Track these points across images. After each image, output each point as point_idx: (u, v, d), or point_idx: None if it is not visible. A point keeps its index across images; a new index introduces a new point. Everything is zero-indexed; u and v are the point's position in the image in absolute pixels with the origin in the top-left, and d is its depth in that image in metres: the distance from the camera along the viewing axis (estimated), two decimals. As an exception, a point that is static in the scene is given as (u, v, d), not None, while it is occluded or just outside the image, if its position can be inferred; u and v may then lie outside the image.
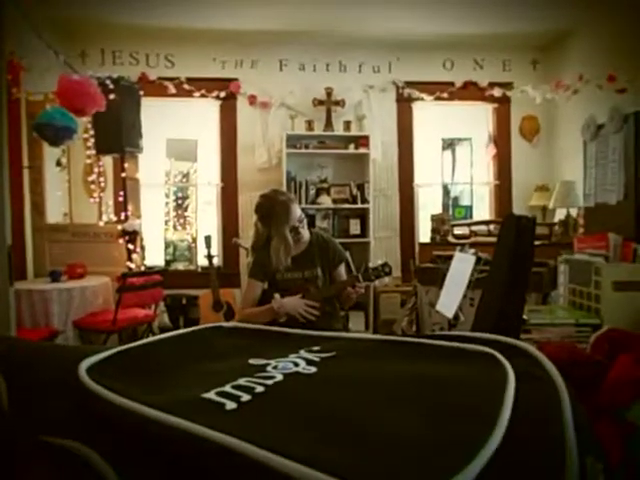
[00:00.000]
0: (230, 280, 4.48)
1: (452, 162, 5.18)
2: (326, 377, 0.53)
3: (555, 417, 0.45)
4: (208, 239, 4.16)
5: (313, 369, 0.54)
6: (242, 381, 0.51)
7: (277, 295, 2.13)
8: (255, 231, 2.27)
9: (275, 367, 0.55)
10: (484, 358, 0.54)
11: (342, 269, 2.33)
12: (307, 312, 2.11)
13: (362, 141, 4.48)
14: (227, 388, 0.49)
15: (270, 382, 0.51)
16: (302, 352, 0.59)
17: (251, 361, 0.57)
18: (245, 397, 0.48)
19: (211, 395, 0.48)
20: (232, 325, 0.73)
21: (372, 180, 4.49)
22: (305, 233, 2.20)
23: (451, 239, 4.26)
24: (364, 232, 4.54)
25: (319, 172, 4.60)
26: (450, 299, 2.49)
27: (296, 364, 0.55)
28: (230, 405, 0.46)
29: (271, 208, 2.11)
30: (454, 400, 0.45)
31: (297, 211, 2.14)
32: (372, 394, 0.48)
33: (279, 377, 0.52)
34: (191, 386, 0.51)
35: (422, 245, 4.38)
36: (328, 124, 4.57)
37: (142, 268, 4.19)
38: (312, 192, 4.53)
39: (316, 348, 0.61)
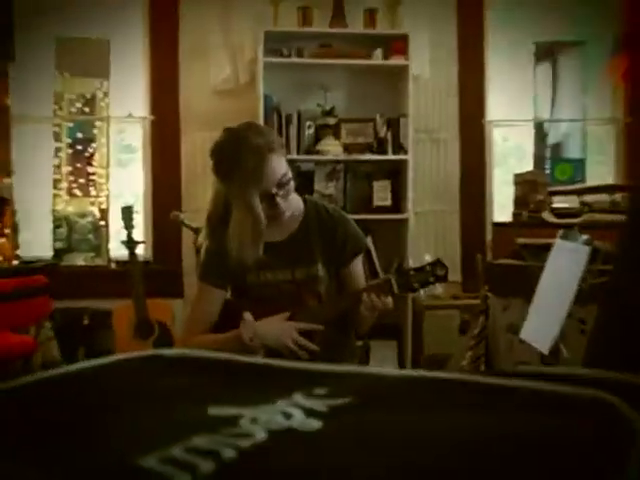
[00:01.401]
0: (166, 284, 4.51)
1: (552, 84, 5.16)
2: (337, 436, 0.54)
3: None
4: (128, 212, 4.16)
5: (316, 424, 0.55)
6: (200, 441, 0.52)
7: (248, 315, 2.14)
8: (213, 194, 2.28)
9: (254, 420, 0.56)
10: (596, 408, 0.56)
11: (359, 266, 2.35)
12: (298, 344, 2.14)
13: (396, 45, 4.47)
14: (176, 451, 0.51)
15: (246, 443, 0.52)
16: (298, 397, 0.61)
17: (213, 410, 0.59)
18: (205, 466, 0.50)
19: (151, 462, 0.50)
20: (178, 353, 0.75)
21: (413, 113, 4.49)
22: (292, 204, 2.22)
23: (548, 217, 4.26)
24: (398, 203, 4.56)
25: (321, 98, 4.59)
26: (545, 321, 2.51)
27: (288, 416, 0.57)
28: (181, 478, 0.48)
29: (234, 153, 2.12)
30: (545, 473, 0.48)
31: (279, 165, 2.15)
32: (412, 463, 0.50)
33: (261, 435, 0.53)
34: (118, 448, 0.53)
35: (498, 227, 4.38)
36: (337, 15, 4.56)
37: (14, 262, 4.20)
38: (309, 132, 4.53)
39: (321, 391, 0.62)
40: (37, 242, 4.68)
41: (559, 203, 4.39)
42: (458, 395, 0.63)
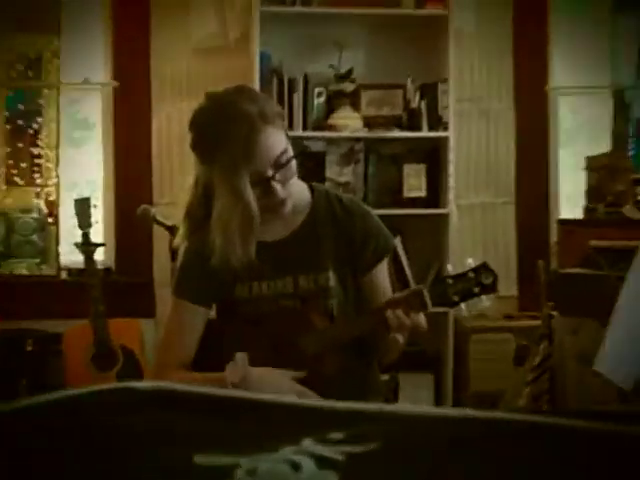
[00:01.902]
0: (133, 299, 4.54)
1: (635, 41, 5.15)
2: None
3: None
4: (84, 206, 4.18)
5: (331, 476, 0.55)
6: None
7: (241, 356, 2.12)
8: (193, 181, 2.30)
9: (251, 472, 0.56)
10: None
11: (383, 274, 2.37)
12: None
13: (432, -11, 4.49)
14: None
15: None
16: (308, 442, 0.61)
17: (198, 459, 0.59)
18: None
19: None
20: (153, 387, 0.75)
21: (455, 77, 4.52)
22: (294, 192, 2.23)
23: (631, 212, 4.26)
24: (435, 194, 4.59)
25: (334, 58, 4.61)
26: (626, 348, 2.52)
27: (296, 466, 0.56)
28: None
29: (219, 123, 2.13)
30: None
31: (277, 140, 2.16)
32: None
33: (260, 492, 0.54)
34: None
35: (566, 225, 4.39)
36: (356, -50, 4.58)
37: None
38: (319, 102, 4.57)
39: (337, 435, 0.62)
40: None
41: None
42: (515, 441, 0.63)
